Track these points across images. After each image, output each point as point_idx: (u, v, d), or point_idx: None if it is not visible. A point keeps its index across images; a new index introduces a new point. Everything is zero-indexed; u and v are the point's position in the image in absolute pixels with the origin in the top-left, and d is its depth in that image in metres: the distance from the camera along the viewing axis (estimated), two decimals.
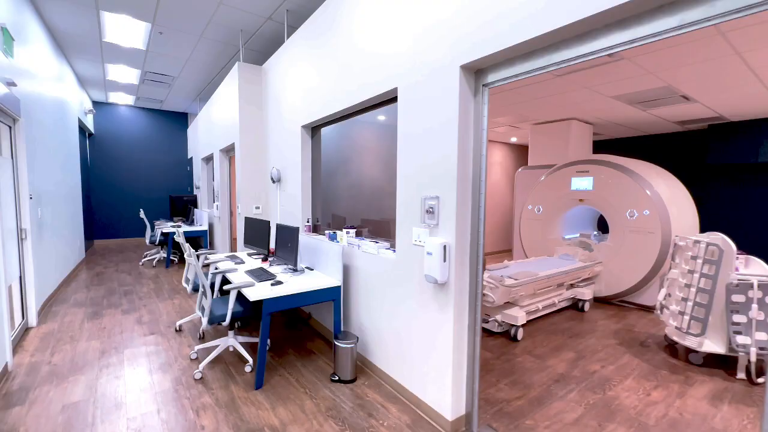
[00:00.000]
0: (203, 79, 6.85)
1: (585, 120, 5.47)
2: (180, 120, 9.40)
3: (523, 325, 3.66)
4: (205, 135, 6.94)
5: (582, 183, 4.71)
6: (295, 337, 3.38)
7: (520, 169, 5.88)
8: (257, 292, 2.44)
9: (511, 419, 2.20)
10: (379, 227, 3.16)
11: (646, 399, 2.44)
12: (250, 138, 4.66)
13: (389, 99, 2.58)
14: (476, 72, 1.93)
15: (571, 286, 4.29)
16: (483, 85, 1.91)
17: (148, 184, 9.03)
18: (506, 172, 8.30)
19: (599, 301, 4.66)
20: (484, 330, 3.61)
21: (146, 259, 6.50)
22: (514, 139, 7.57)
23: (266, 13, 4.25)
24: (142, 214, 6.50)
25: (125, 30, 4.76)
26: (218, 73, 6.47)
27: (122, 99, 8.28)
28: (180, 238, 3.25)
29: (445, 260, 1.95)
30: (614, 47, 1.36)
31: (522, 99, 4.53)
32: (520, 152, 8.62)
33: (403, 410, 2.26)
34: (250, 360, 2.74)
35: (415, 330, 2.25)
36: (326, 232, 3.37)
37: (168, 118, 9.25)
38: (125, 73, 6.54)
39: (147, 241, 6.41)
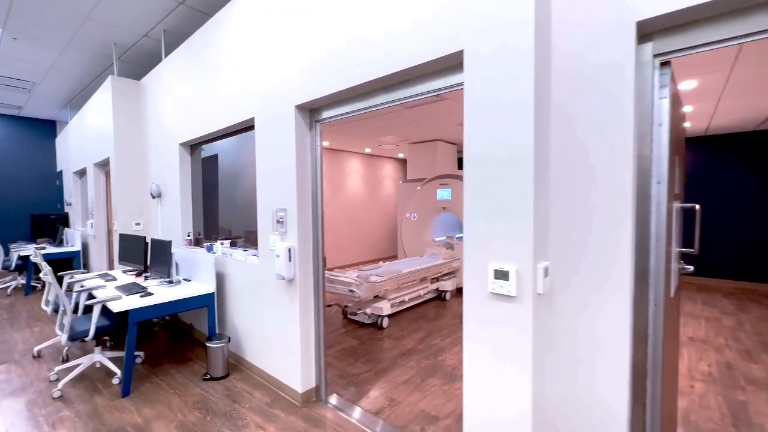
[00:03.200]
0: (73, 87, 6.33)
1: (449, 141, 6.56)
2: (46, 128, 8.34)
3: (389, 315, 4.30)
4: (77, 146, 6.39)
5: (444, 194, 5.67)
6: (176, 348, 3.49)
7: (400, 182, 6.73)
8: (123, 303, 2.58)
9: (357, 386, 2.73)
10: (256, 237, 3.50)
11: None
12: (127, 152, 4.57)
13: (251, 126, 2.98)
14: (310, 110, 2.45)
15: (436, 279, 5.13)
16: (315, 121, 2.44)
17: (1, 201, 7.78)
18: (396, 185, 9.23)
19: (461, 291, 5.62)
20: (355, 321, 4.16)
21: None
22: (401, 155, 8.52)
23: (141, 30, 4.30)
24: None
25: None
26: (93, 81, 6.07)
27: None
28: (37, 258, 3.14)
29: (290, 260, 2.40)
30: (401, 99, 1.97)
31: (399, 122, 5.31)
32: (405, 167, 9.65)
33: (267, 393, 2.63)
34: (119, 372, 2.82)
35: (275, 322, 2.65)
36: (204, 244, 3.58)
37: (30, 126, 8.14)
38: None
39: (0, 267, 5.62)
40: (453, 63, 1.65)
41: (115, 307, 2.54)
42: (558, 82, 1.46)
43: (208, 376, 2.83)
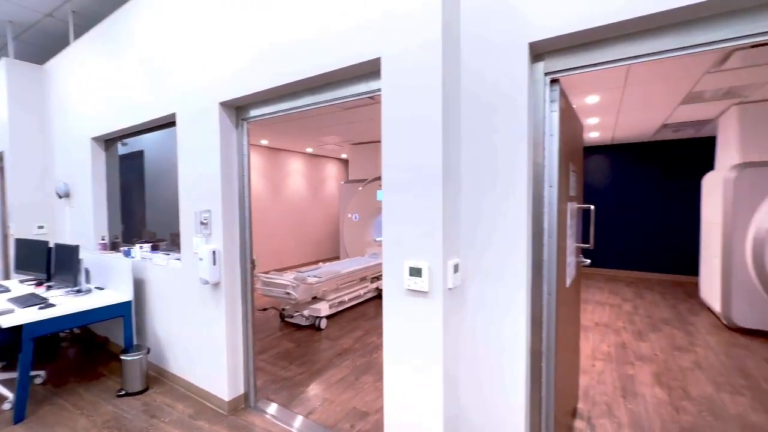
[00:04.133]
0: None
1: None
2: None
3: (328, 316, 4.29)
4: None
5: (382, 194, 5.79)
6: (87, 364, 3.15)
7: (342, 182, 6.74)
8: (14, 318, 2.28)
9: (290, 390, 2.69)
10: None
11: None
12: (26, 146, 4.02)
13: (173, 121, 2.80)
14: (237, 108, 2.37)
15: (376, 279, 5.22)
16: (242, 119, 2.37)
17: None
18: (339, 185, 9.21)
19: None
20: (292, 324, 4.09)
21: None
22: (344, 155, 8.52)
23: (43, 8, 3.81)
24: None
25: None
26: None
27: None
28: None
29: (215, 264, 2.31)
30: (327, 101, 1.98)
31: (339, 123, 5.29)
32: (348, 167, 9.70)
33: (191, 405, 2.49)
34: (11, 395, 2.48)
35: (200, 329, 2.51)
36: (122, 248, 3.28)
37: None
38: None
39: None
40: (373, 69, 1.71)
41: (5, 322, 2.23)
42: (467, 95, 1.58)
43: (123, 392, 2.61)
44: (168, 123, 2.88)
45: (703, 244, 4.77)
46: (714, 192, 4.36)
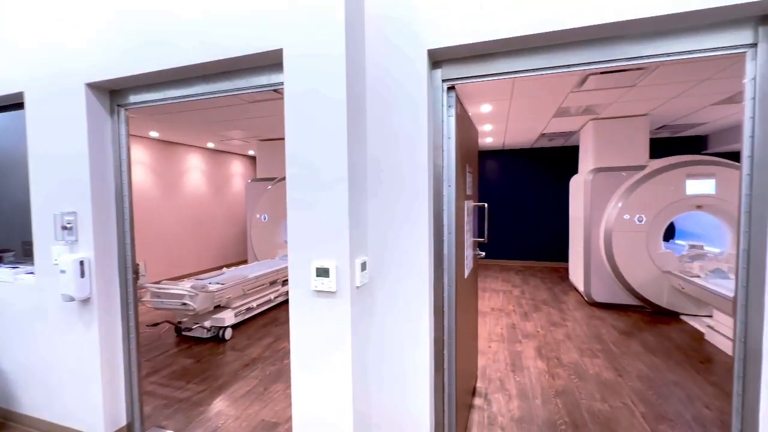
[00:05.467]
0: None
1: None
2: None
3: (234, 325, 3.97)
4: None
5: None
6: None
7: (249, 181, 6.31)
8: None
9: (187, 412, 2.41)
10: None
11: None
12: None
13: (18, 103, 2.26)
14: (111, 92, 2.02)
15: (288, 282, 5.01)
16: (119, 105, 2.03)
17: None
18: (246, 184, 8.63)
19: None
20: (191, 338, 3.69)
21: None
22: (251, 152, 7.99)
23: None
24: None
25: None
26: None
27: None
28: None
29: (83, 276, 1.93)
30: (223, 92, 1.79)
31: (244, 117, 4.90)
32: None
33: None
34: None
35: (63, 356, 2.08)
36: None
37: None
38: None
39: None
40: (275, 61, 1.62)
41: None
42: (372, 95, 1.61)
43: None
44: (12, 105, 2.31)
45: (571, 235, 5.71)
46: (577, 192, 5.25)
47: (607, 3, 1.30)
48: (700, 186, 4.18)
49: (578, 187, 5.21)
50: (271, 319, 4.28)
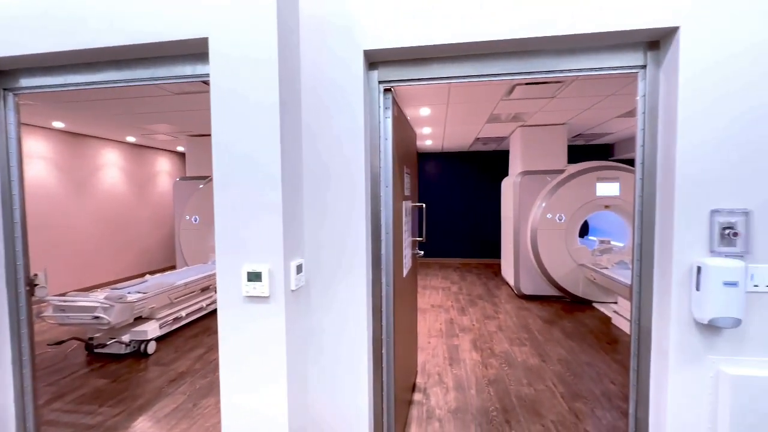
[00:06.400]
0: None
1: None
2: None
3: (158, 338, 3.63)
4: None
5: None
6: None
7: (177, 179, 5.81)
8: None
9: None
10: None
11: None
12: None
13: None
14: None
15: None
16: (6, 89, 1.73)
17: None
18: (174, 182, 7.95)
19: None
20: (105, 355, 3.29)
21: None
22: (180, 148, 7.37)
23: None
24: None
25: None
26: None
27: None
28: None
29: None
30: (139, 81, 1.60)
31: (170, 110, 4.48)
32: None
33: None
34: None
35: None
36: None
37: None
38: None
39: None
40: (200, 50, 1.51)
41: None
42: (307, 93, 1.56)
43: None
44: None
45: (503, 233, 6.13)
46: (508, 193, 5.66)
47: (528, 20, 1.41)
48: (608, 188, 4.75)
49: (508, 189, 5.62)
50: (203, 329, 3.98)
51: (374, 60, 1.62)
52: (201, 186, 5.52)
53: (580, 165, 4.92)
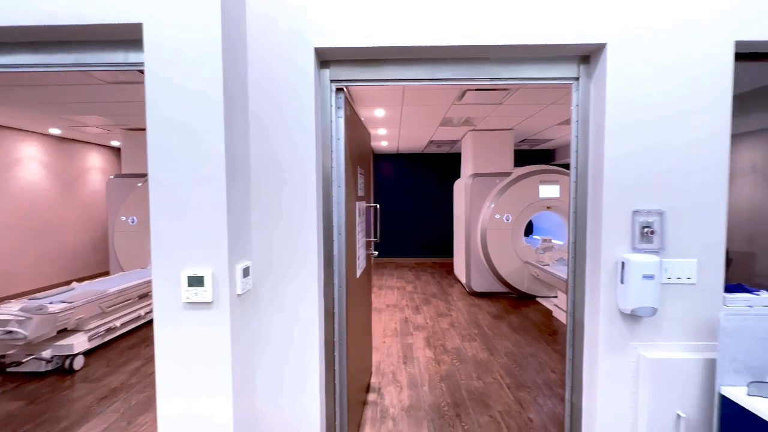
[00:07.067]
0: None
1: None
2: None
3: (87, 351, 3.29)
4: None
5: None
6: None
7: (111, 177, 5.31)
8: None
9: None
10: None
11: None
12: None
13: None
14: None
15: None
16: None
17: None
18: (108, 180, 7.26)
19: None
20: (21, 374, 2.91)
21: None
22: (115, 142, 6.75)
23: None
24: None
25: None
26: None
27: None
28: None
29: None
30: (60, 66, 1.43)
31: (102, 101, 4.06)
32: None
33: None
34: None
35: None
36: None
37: None
38: None
39: None
40: (133, 36, 1.39)
41: None
42: (255, 89, 1.50)
43: None
44: None
45: (455, 233, 6.35)
46: (460, 195, 5.87)
47: (475, 28, 1.47)
48: (549, 191, 5.10)
49: (460, 191, 5.83)
50: (141, 339, 3.67)
51: (326, 58, 1.60)
52: (139, 184, 5.10)
53: (525, 168, 5.24)
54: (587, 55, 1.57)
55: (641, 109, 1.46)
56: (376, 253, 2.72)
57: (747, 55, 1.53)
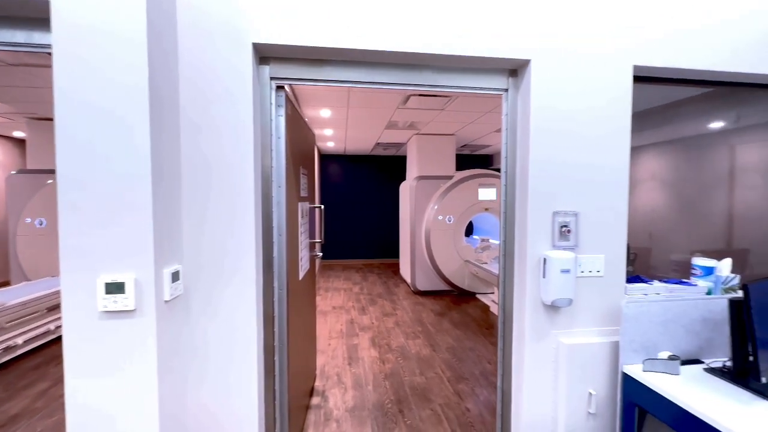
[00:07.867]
0: None
1: None
2: None
3: None
4: None
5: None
6: None
7: (12, 173, 4.61)
8: None
9: None
10: None
11: None
12: None
13: None
14: None
15: None
16: None
17: None
18: (8, 176, 6.31)
19: None
20: None
21: None
22: (19, 134, 5.88)
23: None
24: None
25: None
26: None
27: None
28: None
29: None
30: None
31: (6, 83, 3.50)
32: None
33: None
34: None
35: None
36: None
37: None
38: None
39: None
40: (38, 14, 1.23)
41: None
42: (188, 87, 1.41)
43: None
44: None
45: (401, 234, 6.49)
46: (405, 196, 6.01)
47: (411, 35, 1.52)
48: (487, 193, 5.44)
49: (405, 192, 5.98)
50: (50, 357, 3.23)
51: (266, 55, 1.55)
52: (50, 182, 4.49)
53: (466, 172, 5.52)
54: (515, 69, 1.71)
55: (559, 121, 1.63)
56: (321, 254, 2.69)
57: (644, 78, 1.78)
